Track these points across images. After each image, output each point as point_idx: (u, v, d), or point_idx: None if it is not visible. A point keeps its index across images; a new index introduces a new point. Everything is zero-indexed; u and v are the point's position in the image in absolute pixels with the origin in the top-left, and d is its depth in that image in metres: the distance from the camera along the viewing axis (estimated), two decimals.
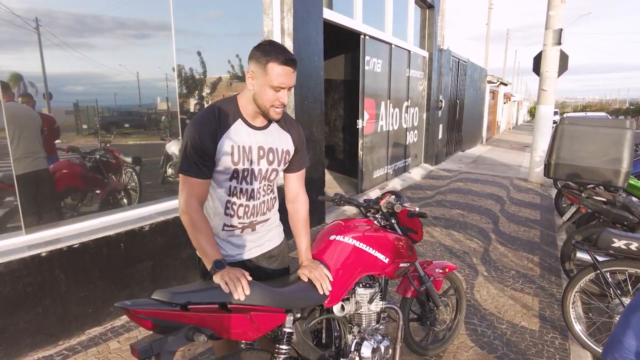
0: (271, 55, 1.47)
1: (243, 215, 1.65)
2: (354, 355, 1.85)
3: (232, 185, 1.60)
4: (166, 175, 3.86)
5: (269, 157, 1.64)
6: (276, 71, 1.48)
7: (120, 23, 3.14)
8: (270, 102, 1.53)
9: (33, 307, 2.46)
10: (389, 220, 2.22)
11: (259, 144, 1.60)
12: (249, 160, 1.59)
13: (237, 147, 1.56)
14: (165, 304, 1.29)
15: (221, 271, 1.41)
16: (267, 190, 1.71)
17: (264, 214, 1.72)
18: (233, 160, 1.56)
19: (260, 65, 1.49)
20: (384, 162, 7.60)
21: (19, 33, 2.56)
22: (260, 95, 1.53)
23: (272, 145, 1.64)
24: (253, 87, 1.54)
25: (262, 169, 1.63)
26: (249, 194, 1.63)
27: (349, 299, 1.89)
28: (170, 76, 3.46)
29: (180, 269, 3.30)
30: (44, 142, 2.79)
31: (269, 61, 1.48)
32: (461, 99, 12.60)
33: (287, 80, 1.51)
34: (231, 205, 1.63)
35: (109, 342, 2.64)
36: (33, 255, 2.44)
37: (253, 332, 1.45)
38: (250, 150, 1.59)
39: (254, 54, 1.51)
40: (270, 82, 1.49)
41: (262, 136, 1.62)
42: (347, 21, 5.63)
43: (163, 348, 1.29)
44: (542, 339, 2.81)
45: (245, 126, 1.58)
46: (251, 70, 1.53)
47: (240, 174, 1.59)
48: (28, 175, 2.70)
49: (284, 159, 1.69)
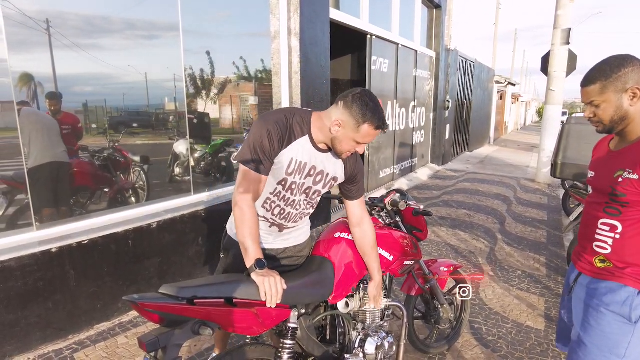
0: (368, 117, 1.49)
1: (277, 215, 1.71)
2: (358, 351, 1.86)
3: (277, 188, 1.65)
4: (174, 174, 3.90)
5: (316, 178, 1.69)
6: (369, 134, 1.53)
7: (129, 24, 3.19)
8: (347, 151, 1.59)
9: (44, 302, 2.51)
10: (393, 218, 2.23)
11: (313, 163, 1.64)
12: (300, 175, 1.64)
13: (295, 160, 1.60)
14: (172, 298, 1.31)
15: (262, 271, 1.44)
16: (307, 205, 1.75)
17: (295, 222, 1.77)
18: (287, 171, 1.60)
19: (354, 122, 1.50)
20: (390, 162, 7.60)
21: (30, 34, 2.61)
22: (341, 142, 1.56)
23: (323, 168, 1.68)
24: (336, 133, 1.55)
25: (307, 185, 1.68)
26: (289, 202, 1.69)
27: (353, 295, 1.91)
28: (178, 77, 3.50)
29: (187, 266, 3.34)
30: (66, 142, 2.90)
31: (366, 122, 1.50)
32: (468, 99, 12.55)
33: (372, 140, 1.58)
34: (270, 202, 1.68)
35: (117, 337, 2.68)
36: (44, 251, 2.49)
37: (258, 326, 1.48)
38: (305, 167, 1.63)
39: (350, 105, 1.50)
40: (358, 139, 1.54)
41: (320, 158, 1.65)
42: (353, 21, 5.64)
43: (170, 341, 1.32)
44: (547, 339, 2.81)
45: (309, 144, 1.62)
46: (341, 119, 1.52)
47: (288, 184, 1.64)
48: (40, 174, 2.76)
49: (330, 184, 1.73)
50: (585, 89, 1.39)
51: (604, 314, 1.38)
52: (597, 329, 1.40)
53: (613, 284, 1.38)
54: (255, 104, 4.66)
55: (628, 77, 1.31)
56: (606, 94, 1.34)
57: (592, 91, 1.37)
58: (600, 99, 1.35)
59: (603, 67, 1.35)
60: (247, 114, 4.70)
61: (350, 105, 1.50)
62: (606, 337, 1.38)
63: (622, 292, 1.36)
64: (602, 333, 1.38)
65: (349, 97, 1.52)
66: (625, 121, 1.36)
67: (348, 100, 1.51)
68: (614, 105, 1.34)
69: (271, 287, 1.41)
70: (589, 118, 1.42)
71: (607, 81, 1.33)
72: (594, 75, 1.37)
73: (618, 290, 1.37)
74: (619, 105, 1.33)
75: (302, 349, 1.75)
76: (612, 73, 1.32)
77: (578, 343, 1.46)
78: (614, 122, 1.37)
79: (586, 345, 1.42)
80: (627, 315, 1.34)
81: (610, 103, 1.34)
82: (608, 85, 1.33)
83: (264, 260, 1.46)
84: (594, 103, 1.38)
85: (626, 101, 1.33)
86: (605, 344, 1.38)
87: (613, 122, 1.37)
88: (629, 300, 1.34)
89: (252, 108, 4.68)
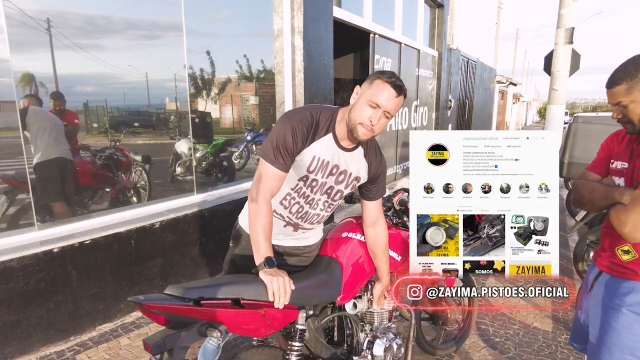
0: (383, 74, 1.50)
1: (295, 213, 1.66)
2: (366, 353, 1.83)
3: (299, 184, 1.61)
4: (175, 174, 3.87)
5: (339, 178, 1.64)
6: (380, 87, 1.48)
7: (131, 24, 3.16)
8: (361, 118, 1.49)
9: (45, 303, 2.48)
10: (401, 218, 2.19)
11: (336, 162, 1.61)
12: (322, 173, 1.60)
13: (317, 158, 1.57)
14: (178, 299, 1.28)
15: (270, 270, 1.41)
16: (327, 207, 1.71)
17: (312, 223, 1.72)
18: (309, 168, 1.57)
19: (369, 81, 1.52)
20: (393, 162, 7.56)
21: (31, 34, 2.58)
22: (355, 109, 1.52)
23: (346, 168, 1.64)
24: (353, 100, 1.55)
25: (328, 184, 1.64)
26: (308, 200, 1.65)
27: (361, 296, 1.87)
28: (180, 76, 3.47)
29: (190, 267, 3.31)
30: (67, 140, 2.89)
31: (378, 77, 1.50)
32: (470, 98, 12.51)
33: (387, 102, 1.48)
34: (290, 199, 1.64)
35: (120, 339, 2.65)
36: (45, 251, 2.45)
37: (266, 328, 1.44)
38: (327, 165, 1.59)
39: (369, 76, 1.54)
40: (371, 96, 1.48)
41: (343, 157, 1.61)
42: (356, 20, 5.60)
43: (176, 343, 1.28)
44: (555, 340, 2.77)
45: (333, 142, 1.58)
46: (358, 88, 1.55)
47: (309, 180, 1.60)
48: (46, 170, 2.75)
49: (352, 184, 1.69)
50: (611, 90, 1.37)
51: (625, 314, 1.35)
52: (618, 330, 1.37)
53: (635, 283, 1.35)
54: (256, 104, 4.63)
55: None
56: (633, 94, 1.31)
57: (618, 92, 1.34)
58: (628, 99, 1.32)
59: (628, 67, 1.32)
60: (247, 113, 4.68)
61: (370, 75, 1.55)
62: (628, 338, 1.34)
63: None
64: (623, 334, 1.35)
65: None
66: None
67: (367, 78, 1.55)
68: None
69: (279, 287, 1.38)
70: (618, 119, 1.39)
71: (633, 81, 1.30)
72: (619, 75, 1.34)
73: None
74: None
75: (309, 351, 1.71)
76: (637, 72, 1.30)
77: (598, 345, 1.42)
78: None
79: (607, 346, 1.39)
80: None
81: (638, 103, 1.31)
82: (634, 85, 1.30)
83: (273, 259, 1.43)
84: (622, 104, 1.35)
85: None
86: (627, 345, 1.35)
87: None
88: None
89: (253, 108, 4.65)
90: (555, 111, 8.15)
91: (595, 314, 1.46)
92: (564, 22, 7.78)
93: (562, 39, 7.79)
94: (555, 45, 7.90)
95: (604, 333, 1.41)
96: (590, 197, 1.45)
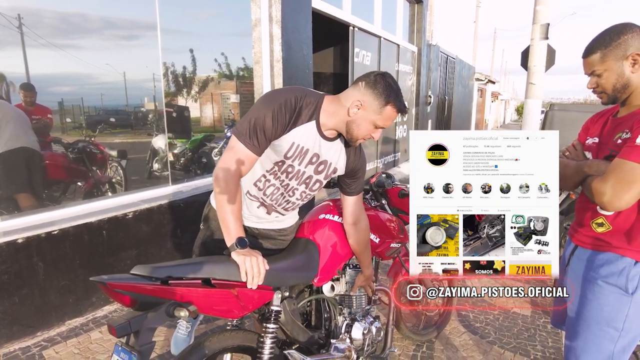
0: (392, 99, 1.43)
1: (270, 195, 1.59)
2: (344, 336, 1.79)
3: (274, 168, 1.54)
4: (152, 170, 3.77)
5: (319, 168, 1.58)
6: (390, 116, 1.46)
7: (107, 22, 3.09)
8: (364, 135, 1.49)
9: (9, 297, 2.35)
10: (379, 200, 2.16)
11: (316, 151, 1.54)
12: (299, 160, 1.53)
13: (297, 145, 1.49)
14: (145, 278, 1.21)
15: (243, 250, 1.34)
16: (303, 197, 1.65)
17: (286, 210, 1.67)
18: (286, 154, 1.50)
19: (377, 103, 1.43)
20: (374, 157, 7.56)
21: (2, 32, 2.48)
22: (359, 126, 1.47)
23: (327, 158, 1.57)
24: (354, 115, 1.46)
25: (307, 173, 1.57)
26: (283, 184, 1.58)
27: (339, 279, 1.83)
28: (157, 76, 3.38)
29: (166, 258, 3.21)
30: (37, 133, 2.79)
31: (389, 104, 1.43)
32: (450, 95, 12.65)
33: (390, 124, 1.52)
34: (265, 181, 1.57)
35: (91, 333, 2.54)
36: (8, 242, 2.33)
37: (239, 309, 1.39)
38: (306, 153, 1.52)
39: (373, 85, 1.43)
40: (378, 122, 1.46)
41: (325, 147, 1.55)
42: (335, 11, 5.57)
43: (142, 325, 1.21)
44: (534, 324, 2.79)
45: (315, 130, 1.51)
46: (362, 100, 1.44)
47: (285, 166, 1.53)
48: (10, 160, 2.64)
49: (330, 175, 1.64)
50: (586, 60, 1.37)
51: (601, 286, 1.35)
52: (594, 302, 1.36)
53: (610, 254, 1.35)
54: (237, 102, 4.56)
55: (628, 43, 1.28)
56: (607, 62, 1.31)
57: (592, 61, 1.34)
58: (602, 67, 1.32)
59: (603, 37, 1.32)
60: (228, 112, 4.61)
61: (373, 85, 1.43)
62: (603, 310, 1.34)
63: (619, 263, 1.32)
64: (599, 306, 1.35)
65: (372, 77, 1.44)
66: (628, 89, 1.32)
67: (370, 81, 1.43)
68: (616, 73, 1.31)
69: (252, 267, 1.33)
70: (593, 89, 1.39)
71: (607, 49, 1.30)
72: (594, 44, 1.34)
73: (615, 261, 1.33)
74: (620, 72, 1.31)
75: (286, 335, 1.66)
76: (611, 41, 1.30)
77: (576, 318, 1.42)
78: (617, 90, 1.33)
79: (584, 319, 1.39)
80: (623, 287, 1.31)
81: (611, 71, 1.31)
82: (608, 54, 1.30)
83: (246, 239, 1.37)
84: (596, 72, 1.35)
85: (627, 68, 1.30)
86: (603, 317, 1.34)
87: (616, 91, 1.34)
88: (626, 270, 1.31)
89: (234, 106, 4.59)
90: (532, 105, 8.31)
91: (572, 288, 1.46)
92: (540, 19, 7.93)
93: (538, 34, 7.93)
94: (532, 41, 8.04)
95: (581, 306, 1.41)
96: (563, 174, 1.44)
